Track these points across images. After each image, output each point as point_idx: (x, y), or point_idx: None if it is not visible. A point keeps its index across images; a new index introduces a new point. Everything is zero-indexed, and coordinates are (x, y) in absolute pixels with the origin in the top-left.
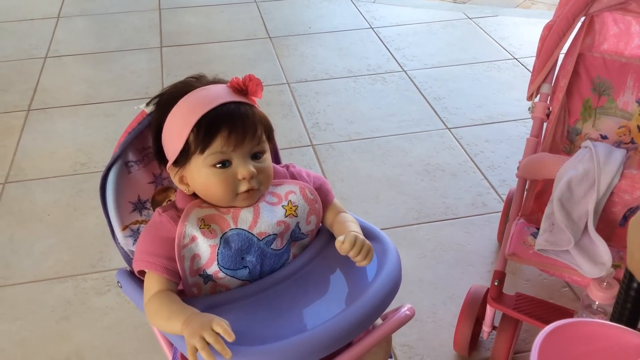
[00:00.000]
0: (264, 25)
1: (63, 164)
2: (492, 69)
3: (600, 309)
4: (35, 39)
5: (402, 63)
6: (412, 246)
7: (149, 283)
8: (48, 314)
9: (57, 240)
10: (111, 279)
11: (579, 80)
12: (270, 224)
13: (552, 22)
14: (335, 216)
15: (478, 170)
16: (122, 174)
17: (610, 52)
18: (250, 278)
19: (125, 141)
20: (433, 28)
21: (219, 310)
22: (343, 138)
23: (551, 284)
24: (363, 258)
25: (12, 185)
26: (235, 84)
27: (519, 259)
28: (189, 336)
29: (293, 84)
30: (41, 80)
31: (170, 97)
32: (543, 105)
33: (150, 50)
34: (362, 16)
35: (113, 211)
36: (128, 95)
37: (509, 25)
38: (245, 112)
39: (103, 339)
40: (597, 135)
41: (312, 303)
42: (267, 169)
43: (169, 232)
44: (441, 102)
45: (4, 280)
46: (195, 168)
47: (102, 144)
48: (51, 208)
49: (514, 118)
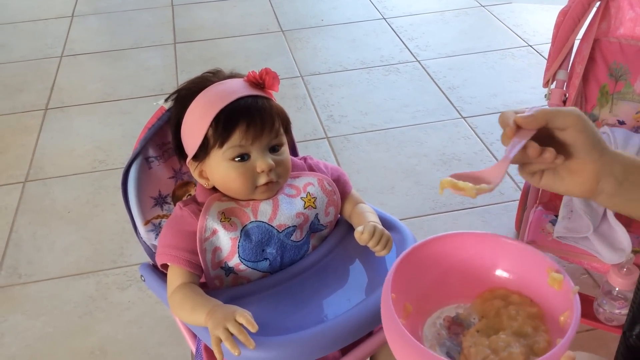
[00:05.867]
0: (276, 18)
1: (82, 162)
2: (506, 56)
3: (621, 295)
4: (51, 38)
5: (416, 53)
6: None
7: (172, 276)
8: (71, 309)
9: (78, 237)
10: (132, 273)
11: (595, 66)
12: (289, 216)
13: (567, 8)
14: (354, 207)
15: (494, 159)
16: (143, 170)
17: (627, 37)
18: (271, 270)
19: (146, 137)
20: (446, 17)
21: (241, 301)
22: (358, 130)
23: (570, 271)
24: (382, 248)
25: (32, 183)
26: (252, 77)
27: (538, 246)
28: (213, 327)
29: (306, 76)
30: (57, 79)
31: (188, 92)
32: (559, 92)
33: (164, 47)
34: (374, 7)
35: (135, 206)
36: (144, 92)
37: (522, 12)
38: (263, 105)
39: (126, 333)
40: (615, 121)
41: (332, 293)
42: (286, 161)
43: (190, 225)
44: (456, 91)
45: (27, 277)
46: (215, 162)
47: (120, 141)
48: (71, 205)
49: (530, 105)
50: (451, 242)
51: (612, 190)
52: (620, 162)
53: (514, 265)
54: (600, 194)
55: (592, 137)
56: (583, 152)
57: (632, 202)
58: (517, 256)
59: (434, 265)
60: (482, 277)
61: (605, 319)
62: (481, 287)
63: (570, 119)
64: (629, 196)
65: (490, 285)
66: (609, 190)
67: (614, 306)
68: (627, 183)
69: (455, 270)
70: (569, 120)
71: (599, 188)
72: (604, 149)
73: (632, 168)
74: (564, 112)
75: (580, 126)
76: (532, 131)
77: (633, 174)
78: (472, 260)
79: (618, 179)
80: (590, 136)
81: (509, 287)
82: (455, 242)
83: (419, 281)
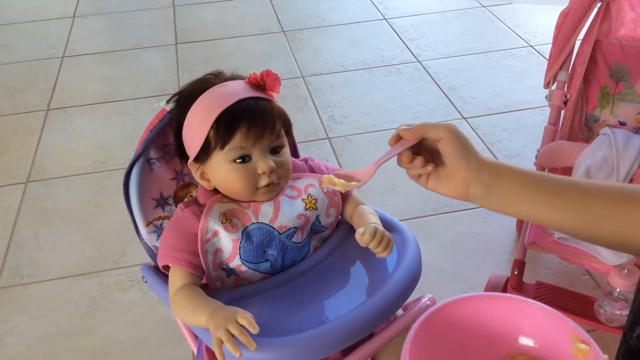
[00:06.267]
0: (278, 19)
1: (83, 162)
2: (507, 57)
3: (622, 296)
4: (52, 38)
5: (417, 53)
6: (431, 237)
7: (174, 277)
8: (73, 310)
9: (79, 238)
10: (134, 274)
11: (596, 67)
12: (290, 218)
13: (568, 9)
14: (355, 208)
15: (496, 159)
16: (144, 171)
17: (628, 38)
18: (272, 271)
19: (147, 139)
20: (447, 17)
21: (242, 303)
22: (359, 130)
23: (571, 272)
24: (383, 249)
25: (34, 184)
26: (254, 79)
27: (538, 247)
28: (214, 329)
29: (308, 77)
30: (59, 79)
31: (189, 94)
32: (560, 92)
33: (166, 47)
34: (375, 7)
35: (136, 208)
36: (145, 92)
37: (523, 13)
38: (264, 107)
39: (127, 333)
40: (615, 122)
41: (333, 295)
42: (287, 163)
43: (191, 227)
44: (457, 91)
45: (29, 278)
46: (216, 164)
47: (121, 142)
48: (73, 206)
49: (531, 106)
50: (470, 306)
51: (482, 194)
52: (487, 169)
53: (536, 330)
54: (473, 197)
55: (461, 148)
56: (453, 161)
57: (501, 204)
58: (539, 320)
59: (452, 330)
60: (502, 343)
61: (606, 320)
62: (502, 352)
63: (442, 132)
64: (497, 199)
65: (511, 351)
66: (479, 194)
67: (615, 307)
68: (494, 187)
69: (474, 335)
70: (441, 133)
71: (470, 192)
72: (472, 158)
73: (496, 174)
74: (437, 126)
75: (449, 138)
76: (411, 141)
77: (497, 179)
78: (492, 325)
79: (485, 183)
80: (459, 147)
81: (531, 353)
82: (473, 305)
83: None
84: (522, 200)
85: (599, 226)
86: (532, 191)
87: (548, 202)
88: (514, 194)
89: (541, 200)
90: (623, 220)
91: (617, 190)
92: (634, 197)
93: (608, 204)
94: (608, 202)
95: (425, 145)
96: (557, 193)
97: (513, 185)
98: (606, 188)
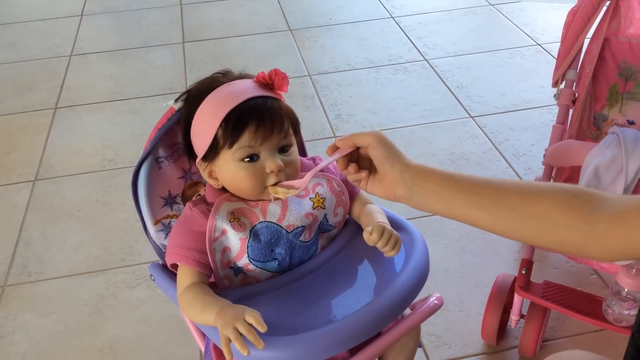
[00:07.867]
0: (285, 17)
1: (91, 161)
2: (515, 55)
3: (630, 296)
4: (60, 37)
5: (424, 52)
6: (438, 236)
7: (182, 276)
8: (80, 307)
9: (87, 236)
10: (141, 272)
11: (605, 66)
12: (298, 217)
13: (577, 7)
14: (362, 207)
15: (503, 158)
16: (153, 170)
17: (637, 36)
18: (280, 270)
19: (156, 137)
20: (454, 15)
21: (250, 301)
22: (366, 129)
23: (579, 272)
24: (391, 248)
25: (42, 182)
26: (262, 78)
27: None
28: (222, 327)
29: (315, 75)
30: (67, 78)
31: (198, 93)
32: (569, 91)
33: (173, 46)
34: (382, 5)
35: (145, 206)
36: (153, 91)
37: (531, 11)
38: (272, 106)
39: (135, 331)
40: (624, 121)
41: (341, 293)
42: (295, 162)
43: (199, 225)
44: (464, 90)
45: (37, 276)
46: (224, 162)
47: (129, 140)
48: (81, 204)
49: (539, 105)
50: None
51: (406, 195)
52: (409, 171)
53: None
54: (400, 198)
55: (385, 152)
56: (380, 164)
57: (423, 203)
58: None
59: None
60: None
61: (614, 320)
62: None
63: (369, 139)
64: (419, 198)
65: None
66: (404, 195)
67: (623, 307)
68: (416, 187)
69: None
70: (368, 140)
71: (397, 193)
72: (396, 161)
73: (418, 175)
74: (364, 134)
75: (374, 144)
76: (345, 150)
77: (419, 179)
78: None
79: (408, 184)
80: (383, 151)
81: None
82: None
83: None
84: (440, 199)
85: (508, 220)
86: (450, 190)
87: (464, 199)
88: (434, 193)
89: (458, 198)
90: (528, 213)
91: (524, 185)
92: (542, 192)
93: (515, 197)
94: (515, 195)
95: (364, 154)
96: (472, 190)
97: (432, 185)
98: (515, 184)
